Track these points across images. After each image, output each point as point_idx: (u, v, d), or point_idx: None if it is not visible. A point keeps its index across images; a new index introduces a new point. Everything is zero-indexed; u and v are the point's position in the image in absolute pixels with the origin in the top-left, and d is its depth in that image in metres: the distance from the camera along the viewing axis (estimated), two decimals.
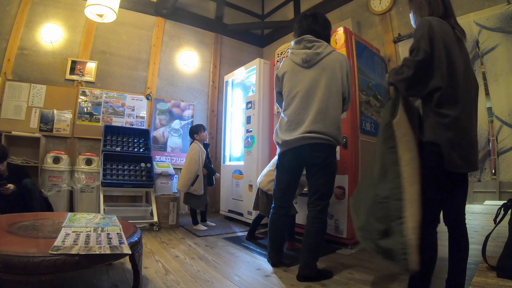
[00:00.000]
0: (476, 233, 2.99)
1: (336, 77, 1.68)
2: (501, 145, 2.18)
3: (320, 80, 1.66)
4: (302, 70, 1.71)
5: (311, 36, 1.72)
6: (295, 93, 1.70)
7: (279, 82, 1.83)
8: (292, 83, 1.72)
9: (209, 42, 4.55)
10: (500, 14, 2.24)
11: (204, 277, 1.70)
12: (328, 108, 1.64)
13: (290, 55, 1.79)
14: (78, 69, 3.48)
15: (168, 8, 3.96)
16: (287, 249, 2.32)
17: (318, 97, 1.64)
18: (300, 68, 1.71)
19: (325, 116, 1.64)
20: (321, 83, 1.66)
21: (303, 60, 1.69)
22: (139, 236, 1.50)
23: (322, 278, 1.68)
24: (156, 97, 3.99)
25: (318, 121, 1.62)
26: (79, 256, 1.10)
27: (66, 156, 3.16)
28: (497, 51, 2.24)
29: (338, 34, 2.62)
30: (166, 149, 4.00)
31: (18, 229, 1.38)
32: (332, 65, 1.68)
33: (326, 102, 1.64)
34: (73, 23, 3.50)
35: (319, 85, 1.66)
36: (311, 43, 1.71)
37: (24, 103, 3.18)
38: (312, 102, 1.65)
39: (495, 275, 1.23)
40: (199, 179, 3.03)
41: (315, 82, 1.66)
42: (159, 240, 2.57)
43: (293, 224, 2.40)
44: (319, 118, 1.62)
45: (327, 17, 1.82)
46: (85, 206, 3.15)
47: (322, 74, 1.67)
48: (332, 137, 1.65)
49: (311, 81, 1.67)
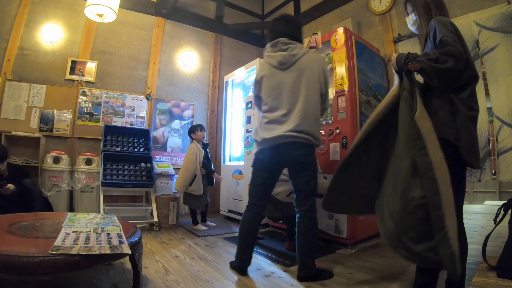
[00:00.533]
0: (476, 233, 2.99)
1: (314, 76, 1.72)
2: (501, 145, 2.18)
3: (298, 81, 1.70)
4: (279, 72, 1.74)
5: (285, 39, 1.75)
6: (275, 94, 1.72)
7: (258, 86, 1.83)
8: (271, 85, 1.74)
9: (209, 42, 4.55)
10: (500, 14, 2.24)
11: (204, 277, 1.70)
12: (307, 107, 1.68)
13: (266, 58, 1.81)
14: (78, 69, 3.48)
15: (168, 8, 3.96)
16: (287, 249, 2.32)
17: (298, 97, 1.68)
18: (277, 70, 1.74)
19: (305, 116, 1.67)
20: (300, 83, 1.69)
21: (280, 63, 1.72)
22: (139, 236, 1.50)
23: (322, 278, 1.68)
24: (156, 97, 3.99)
25: (299, 121, 1.65)
26: (79, 256, 1.10)
27: (66, 156, 3.17)
28: (497, 51, 2.24)
29: (338, 34, 2.62)
30: (166, 149, 4.00)
31: (18, 229, 1.38)
32: (308, 65, 1.72)
33: (305, 102, 1.68)
34: (73, 23, 3.50)
35: (298, 85, 1.69)
36: (286, 45, 1.74)
37: (24, 103, 3.18)
38: (292, 102, 1.69)
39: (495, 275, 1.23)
40: (197, 179, 3.03)
41: (293, 83, 1.70)
42: (159, 240, 2.57)
43: (293, 224, 2.40)
44: (300, 117, 1.65)
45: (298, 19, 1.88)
46: (85, 206, 3.15)
47: (300, 75, 1.71)
48: (311, 136, 1.69)
49: (290, 83, 1.70)
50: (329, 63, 2.75)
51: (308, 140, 1.68)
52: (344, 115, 2.52)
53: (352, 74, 2.54)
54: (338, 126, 2.54)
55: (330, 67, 2.70)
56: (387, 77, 3.10)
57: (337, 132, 2.54)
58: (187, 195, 3.07)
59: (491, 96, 2.25)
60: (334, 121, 2.60)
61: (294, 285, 1.63)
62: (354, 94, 2.53)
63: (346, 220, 2.38)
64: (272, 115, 1.71)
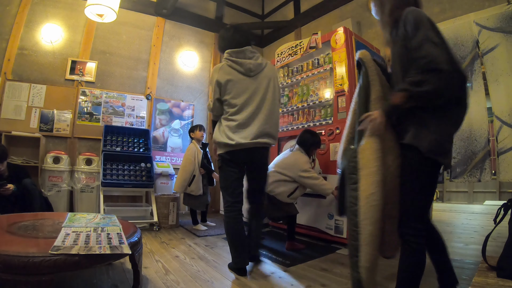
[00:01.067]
0: (476, 233, 3.00)
1: (275, 85, 1.91)
2: (501, 145, 2.18)
3: (265, 88, 1.85)
4: (247, 78, 1.83)
5: (251, 47, 1.88)
6: (244, 99, 1.81)
7: (220, 89, 1.83)
8: (239, 90, 1.81)
9: (209, 42, 4.55)
10: (500, 14, 2.24)
11: (204, 277, 1.70)
12: (273, 112, 1.86)
13: (229, 63, 1.84)
14: (78, 69, 3.48)
15: (168, 8, 3.96)
16: (287, 249, 2.32)
17: (265, 102, 1.83)
18: (245, 76, 1.83)
19: (271, 120, 1.85)
20: (266, 90, 1.85)
21: (249, 70, 1.82)
22: (139, 236, 1.50)
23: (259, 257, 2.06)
24: (156, 97, 3.99)
25: (265, 123, 1.81)
26: (79, 256, 1.10)
27: (66, 156, 3.17)
28: (497, 51, 2.24)
29: (338, 34, 2.62)
30: (166, 149, 4.00)
31: (18, 229, 1.38)
32: (272, 75, 1.91)
33: (271, 107, 1.85)
34: (73, 23, 3.50)
35: (265, 93, 1.84)
36: (252, 54, 1.86)
37: (24, 103, 3.18)
38: (261, 107, 1.82)
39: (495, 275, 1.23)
40: (196, 180, 3.03)
41: (261, 90, 1.84)
42: (159, 240, 2.57)
43: (293, 224, 2.40)
44: (266, 120, 1.81)
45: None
46: (85, 206, 3.15)
47: (266, 83, 1.86)
48: (273, 138, 1.89)
49: (258, 89, 1.84)
50: (329, 63, 2.75)
51: (269, 143, 1.87)
52: (344, 115, 2.52)
53: (352, 74, 2.54)
54: (338, 126, 2.54)
55: (330, 67, 2.71)
56: None
57: (337, 132, 2.54)
58: (186, 196, 3.07)
59: (491, 96, 2.25)
60: (334, 121, 2.60)
61: (294, 285, 1.63)
62: (353, 94, 2.53)
63: (346, 220, 2.38)
64: (241, 119, 1.79)
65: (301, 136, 2.49)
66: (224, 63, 1.85)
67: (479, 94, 2.31)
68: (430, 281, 1.67)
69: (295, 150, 2.47)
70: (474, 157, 2.30)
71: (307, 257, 2.14)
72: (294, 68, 3.16)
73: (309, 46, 2.91)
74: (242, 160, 1.84)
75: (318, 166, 2.68)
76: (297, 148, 2.46)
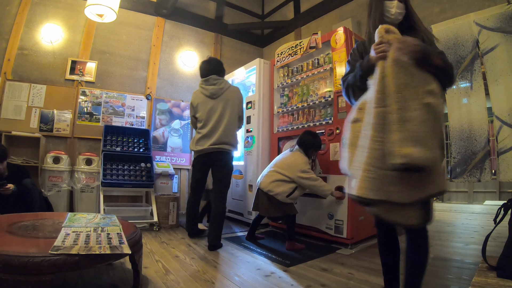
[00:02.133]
0: (476, 233, 3.00)
1: (234, 104, 2.44)
2: (501, 145, 2.18)
3: (223, 107, 2.39)
4: (211, 100, 2.42)
5: (215, 76, 2.47)
6: (207, 116, 2.40)
7: (193, 109, 2.52)
8: (205, 110, 2.42)
9: (209, 42, 4.55)
10: (500, 14, 2.24)
11: (204, 277, 1.70)
12: (229, 125, 2.40)
13: (200, 89, 2.50)
14: (78, 69, 3.48)
15: (168, 8, 3.96)
16: (287, 249, 2.32)
17: (223, 119, 2.38)
18: (209, 99, 2.43)
19: (229, 132, 2.40)
20: (225, 109, 2.40)
21: (212, 94, 2.42)
22: (139, 236, 1.50)
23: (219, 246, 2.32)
24: (156, 97, 3.99)
25: (223, 136, 2.36)
26: (79, 256, 1.10)
27: (66, 156, 3.17)
28: (497, 51, 2.24)
29: (338, 34, 2.61)
30: (166, 149, 4.00)
31: (18, 229, 1.38)
32: (231, 96, 2.44)
33: (228, 122, 2.38)
34: (73, 23, 3.50)
35: (224, 111, 2.39)
36: (215, 81, 2.46)
37: (24, 103, 3.19)
38: (220, 122, 2.38)
39: (495, 275, 1.23)
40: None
41: (221, 109, 2.39)
42: (159, 240, 2.57)
43: (293, 224, 2.40)
44: (223, 133, 2.36)
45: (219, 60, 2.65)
46: (85, 206, 3.15)
47: (225, 103, 2.41)
48: (230, 146, 2.42)
49: (218, 108, 2.39)
50: (329, 63, 2.75)
51: (227, 149, 2.40)
52: (344, 115, 2.52)
53: None
54: (338, 126, 2.54)
55: (330, 67, 2.71)
56: None
57: (337, 132, 2.54)
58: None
59: (491, 96, 2.25)
60: (334, 121, 2.60)
61: (294, 285, 1.63)
62: None
63: (346, 220, 2.38)
64: (207, 131, 2.38)
65: (301, 137, 2.50)
66: (198, 88, 2.53)
67: (479, 94, 2.32)
68: (431, 280, 1.68)
69: (295, 150, 2.47)
70: (474, 157, 2.30)
71: (307, 257, 2.14)
72: (294, 68, 3.16)
73: (309, 46, 2.91)
74: (206, 163, 2.44)
75: (319, 166, 2.68)
76: (297, 148, 2.47)
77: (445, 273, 1.81)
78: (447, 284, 1.65)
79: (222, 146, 2.36)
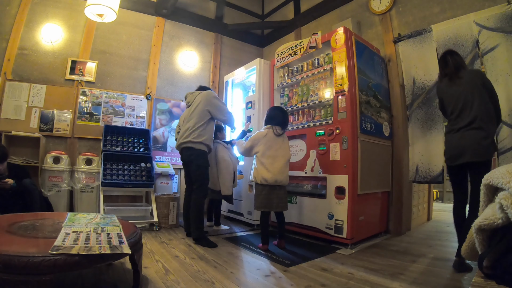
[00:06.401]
0: None
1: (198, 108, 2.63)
2: (501, 145, 2.18)
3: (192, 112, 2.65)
4: (187, 108, 2.76)
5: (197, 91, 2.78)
6: (183, 120, 2.74)
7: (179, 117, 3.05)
8: (183, 115, 2.79)
9: (209, 42, 4.55)
10: (500, 14, 2.24)
11: (204, 277, 1.70)
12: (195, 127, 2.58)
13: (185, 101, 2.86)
14: (78, 69, 3.48)
15: (168, 8, 3.96)
16: (274, 244, 2.35)
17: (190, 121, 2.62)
18: (187, 107, 2.78)
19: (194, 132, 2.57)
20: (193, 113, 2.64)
21: (188, 102, 2.76)
22: (139, 236, 1.50)
23: (202, 244, 2.40)
24: (156, 97, 3.99)
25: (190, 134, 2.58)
26: (79, 256, 1.10)
27: (66, 156, 3.16)
28: (497, 51, 2.24)
29: (338, 34, 2.61)
30: (166, 149, 4.00)
31: (18, 229, 1.38)
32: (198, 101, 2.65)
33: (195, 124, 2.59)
34: (73, 23, 3.50)
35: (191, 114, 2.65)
36: (192, 94, 2.77)
37: (24, 103, 3.18)
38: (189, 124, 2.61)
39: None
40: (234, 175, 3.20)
41: (191, 114, 2.65)
42: (159, 240, 2.57)
43: (283, 223, 2.43)
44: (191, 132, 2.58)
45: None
46: (85, 206, 3.15)
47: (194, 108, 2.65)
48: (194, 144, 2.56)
49: (189, 113, 2.66)
50: (329, 63, 2.75)
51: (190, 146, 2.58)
52: (344, 115, 2.52)
53: (352, 74, 2.54)
54: (338, 126, 2.54)
55: (330, 67, 2.71)
56: (387, 77, 3.10)
57: (337, 132, 2.54)
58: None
59: None
60: (334, 121, 2.60)
61: (294, 285, 1.63)
62: (354, 94, 2.53)
63: (346, 220, 2.38)
64: (182, 131, 2.68)
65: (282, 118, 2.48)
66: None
67: None
68: (431, 280, 1.68)
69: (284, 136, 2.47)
70: None
71: (307, 257, 2.15)
72: (294, 68, 3.16)
73: (309, 46, 2.91)
74: (182, 159, 2.75)
75: (318, 166, 2.68)
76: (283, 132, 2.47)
77: (445, 273, 1.81)
78: (447, 284, 1.65)
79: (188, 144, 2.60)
